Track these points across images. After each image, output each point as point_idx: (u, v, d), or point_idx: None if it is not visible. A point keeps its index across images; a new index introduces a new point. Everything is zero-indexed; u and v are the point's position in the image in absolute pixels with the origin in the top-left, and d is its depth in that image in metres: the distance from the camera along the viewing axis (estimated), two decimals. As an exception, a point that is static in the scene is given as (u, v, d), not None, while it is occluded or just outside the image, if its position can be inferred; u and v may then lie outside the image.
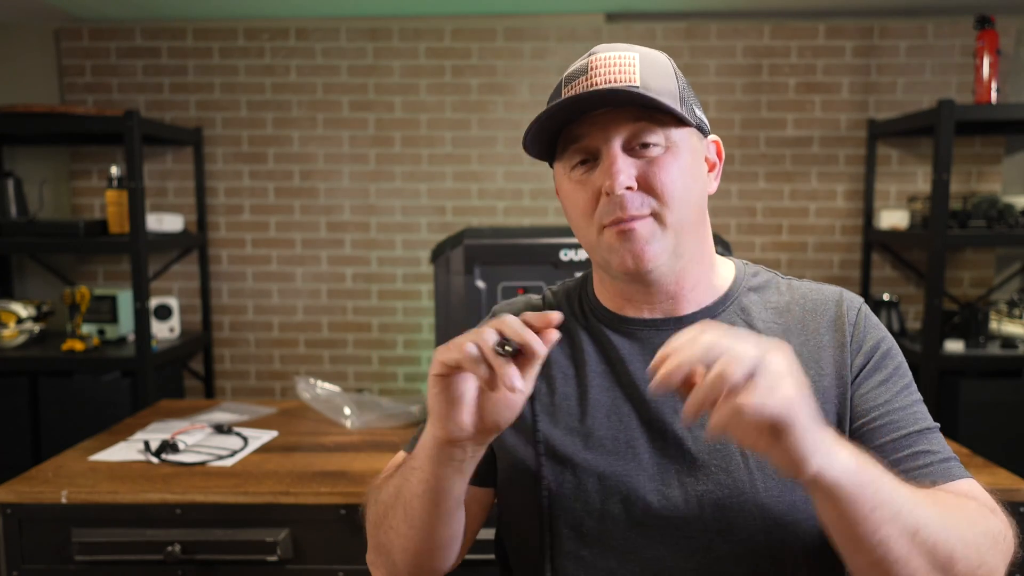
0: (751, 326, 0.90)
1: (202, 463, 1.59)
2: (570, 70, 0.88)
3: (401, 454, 0.98)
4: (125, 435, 1.78)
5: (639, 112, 0.83)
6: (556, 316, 0.74)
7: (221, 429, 1.78)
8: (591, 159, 0.86)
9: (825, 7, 2.92)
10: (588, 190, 0.85)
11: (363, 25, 3.02)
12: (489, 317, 0.95)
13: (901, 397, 0.86)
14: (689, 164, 0.86)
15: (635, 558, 0.84)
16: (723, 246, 1.79)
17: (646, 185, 0.83)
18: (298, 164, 3.07)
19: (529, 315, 0.75)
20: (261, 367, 3.16)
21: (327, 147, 3.06)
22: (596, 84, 0.83)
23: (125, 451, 1.66)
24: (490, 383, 0.73)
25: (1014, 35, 2.95)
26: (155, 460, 1.60)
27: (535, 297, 1.02)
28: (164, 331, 2.92)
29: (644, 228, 0.83)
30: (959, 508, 0.76)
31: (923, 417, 0.86)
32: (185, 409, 2.01)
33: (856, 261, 3.06)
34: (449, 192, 3.06)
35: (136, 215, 2.54)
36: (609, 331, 0.92)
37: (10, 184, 2.86)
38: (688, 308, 0.90)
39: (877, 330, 0.90)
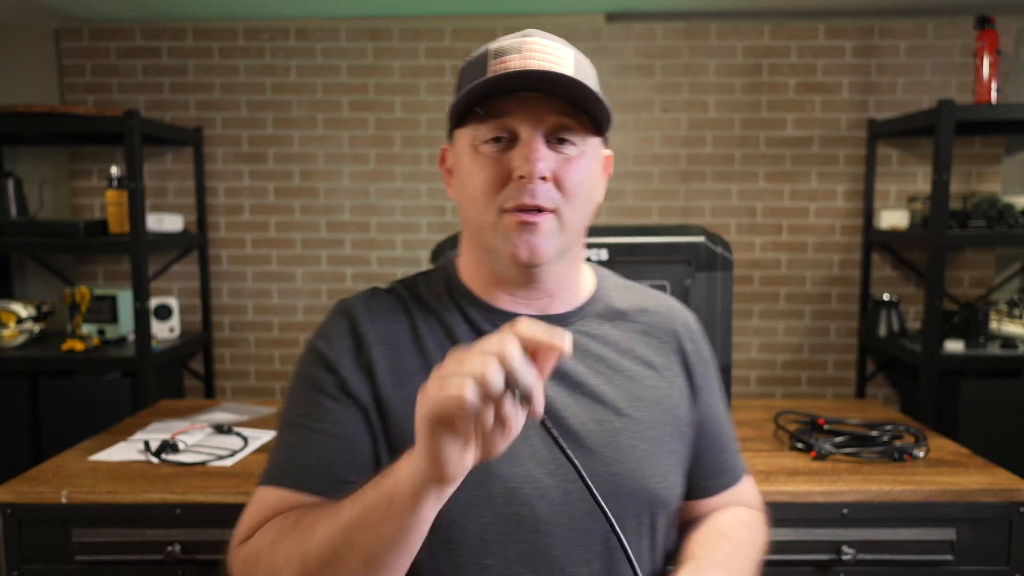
0: (615, 327, 0.95)
1: (202, 463, 1.59)
2: (499, 44, 0.85)
3: (274, 493, 0.83)
4: (125, 435, 1.78)
5: (567, 107, 0.83)
6: (568, 341, 0.65)
7: (221, 429, 1.78)
8: (506, 139, 0.83)
9: (825, 7, 2.92)
10: (498, 169, 0.83)
11: (363, 25, 3.02)
12: (337, 315, 0.91)
13: (722, 406, 1.01)
14: (595, 171, 0.88)
15: (542, 559, 0.83)
16: (723, 246, 1.79)
17: (556, 180, 0.83)
18: (298, 164, 3.07)
19: (536, 333, 0.63)
20: (261, 367, 3.16)
21: (327, 147, 3.07)
22: (532, 66, 0.82)
23: (125, 451, 1.66)
24: (487, 430, 0.63)
25: (1014, 35, 2.95)
26: (155, 460, 1.60)
27: (382, 289, 0.95)
28: (164, 331, 2.92)
29: (546, 223, 0.83)
30: (747, 549, 0.93)
31: (728, 420, 1.02)
32: (185, 409, 2.01)
33: (856, 261, 3.06)
34: (449, 192, 3.06)
35: (136, 215, 2.54)
36: (486, 325, 0.89)
37: (10, 184, 2.86)
38: (560, 308, 0.92)
39: (707, 343, 1.03)
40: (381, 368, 0.86)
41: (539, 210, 0.83)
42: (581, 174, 0.85)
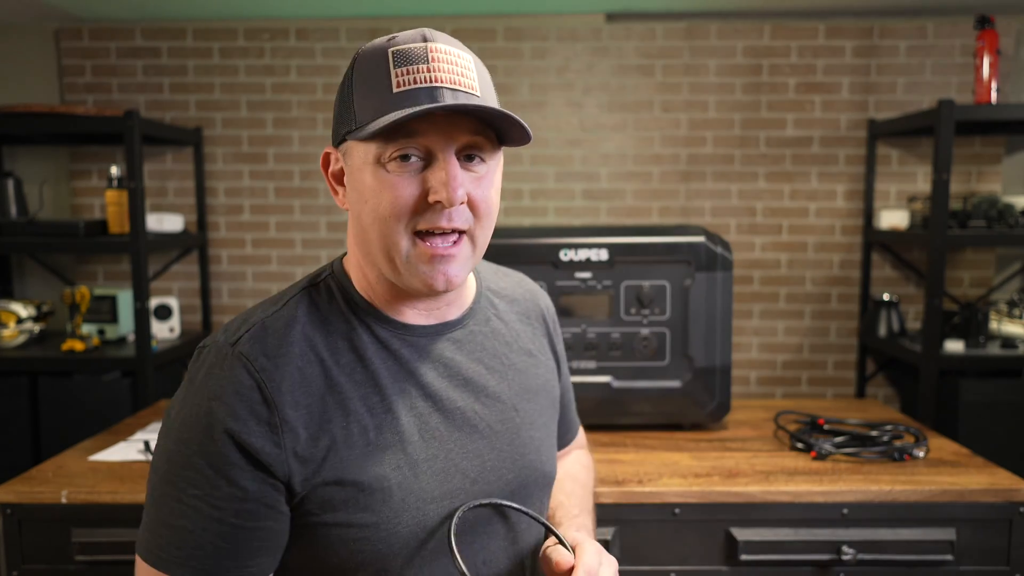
0: (500, 319, 0.99)
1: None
2: (401, 47, 0.80)
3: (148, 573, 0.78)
4: (125, 435, 1.78)
5: (477, 125, 0.80)
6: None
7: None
8: (417, 157, 0.79)
9: (825, 7, 2.92)
10: (411, 188, 0.79)
11: (363, 25, 3.02)
12: (230, 368, 0.78)
13: (567, 369, 1.12)
14: (498, 184, 0.87)
15: (469, 563, 0.85)
16: (723, 246, 1.79)
17: (470, 202, 0.82)
18: (298, 164, 3.07)
19: None
20: (261, 367, 3.15)
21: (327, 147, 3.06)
22: (441, 80, 0.78)
23: (125, 451, 1.66)
24: None
25: (1014, 35, 2.95)
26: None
27: (273, 315, 0.84)
28: (164, 331, 2.93)
29: (462, 252, 0.83)
30: (592, 481, 1.16)
31: (571, 385, 1.15)
32: (185, 409, 2.01)
33: (856, 261, 3.06)
34: (449, 192, 3.05)
35: (136, 215, 2.54)
36: (396, 342, 0.86)
37: (10, 184, 2.86)
38: (456, 312, 0.93)
39: (555, 316, 1.12)
40: (298, 423, 0.78)
41: (453, 232, 0.81)
42: (491, 191, 0.84)
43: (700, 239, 1.76)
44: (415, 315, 0.88)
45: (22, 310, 2.80)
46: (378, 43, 0.81)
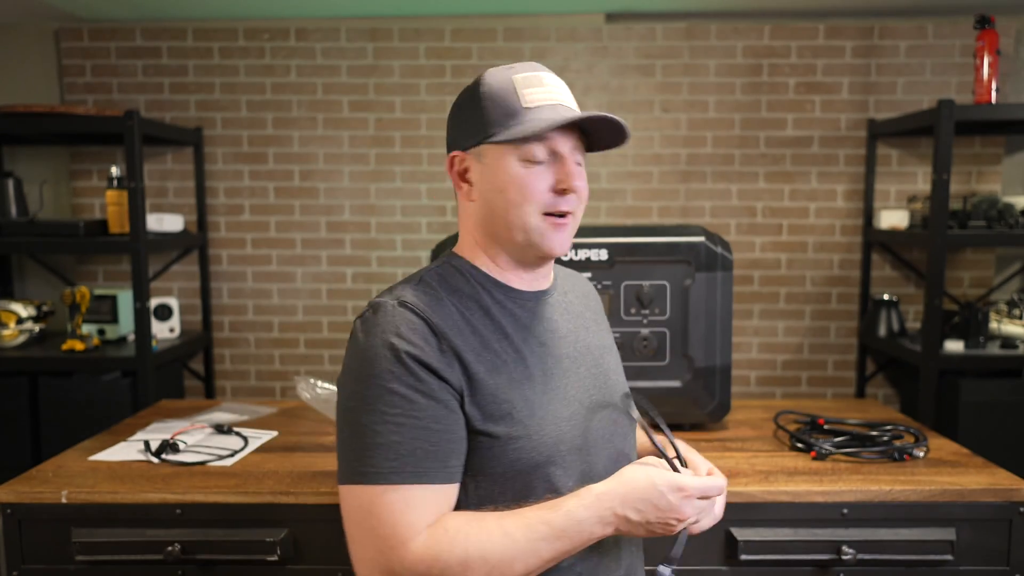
0: (573, 292, 1.21)
1: (202, 463, 1.59)
2: (520, 75, 1.04)
3: (419, 491, 0.95)
4: (125, 435, 1.78)
5: (580, 133, 1.06)
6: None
7: (221, 429, 1.78)
8: (547, 156, 1.03)
9: (825, 7, 2.92)
10: (544, 180, 1.03)
11: (363, 25, 3.02)
12: (398, 313, 1.00)
13: None
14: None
15: (590, 472, 1.06)
16: (723, 246, 1.79)
17: (578, 192, 1.06)
18: (298, 164, 3.07)
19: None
20: (261, 367, 3.16)
21: (327, 147, 3.07)
22: (560, 99, 1.05)
23: (125, 451, 1.66)
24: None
25: (1014, 35, 2.95)
26: (155, 460, 1.60)
27: (418, 283, 1.06)
28: (164, 331, 2.93)
29: (570, 226, 1.07)
30: None
31: None
32: (185, 409, 2.01)
33: (856, 261, 3.06)
34: (449, 192, 3.06)
35: (136, 215, 2.54)
36: (510, 303, 1.08)
37: (10, 184, 2.86)
38: (545, 283, 1.14)
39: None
40: (462, 349, 0.99)
41: (566, 214, 1.05)
42: (586, 184, 1.08)
43: (700, 239, 1.76)
44: (522, 283, 1.10)
45: (22, 310, 2.80)
46: (501, 70, 1.06)
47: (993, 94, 2.51)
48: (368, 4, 2.88)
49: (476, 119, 1.05)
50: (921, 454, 1.62)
